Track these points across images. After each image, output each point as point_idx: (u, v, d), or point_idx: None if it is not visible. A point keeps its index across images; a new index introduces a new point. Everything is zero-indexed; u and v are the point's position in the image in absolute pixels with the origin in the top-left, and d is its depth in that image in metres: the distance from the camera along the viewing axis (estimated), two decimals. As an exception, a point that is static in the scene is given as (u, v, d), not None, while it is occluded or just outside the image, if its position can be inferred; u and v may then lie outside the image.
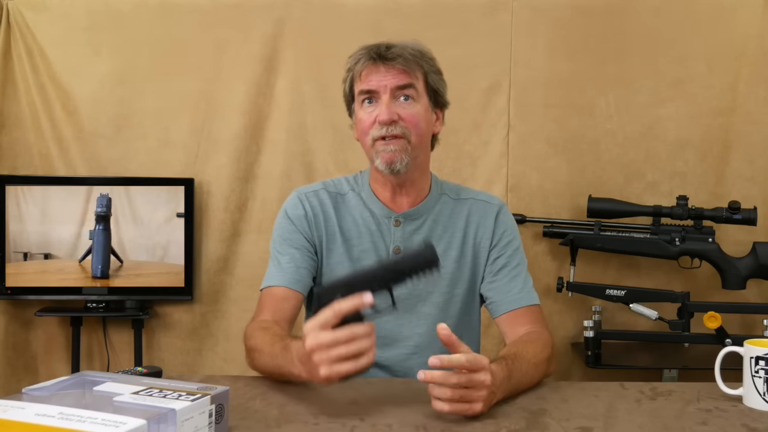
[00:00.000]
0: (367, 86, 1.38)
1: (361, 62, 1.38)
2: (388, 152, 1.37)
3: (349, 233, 1.46)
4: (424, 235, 1.46)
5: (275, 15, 2.42)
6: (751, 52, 2.36)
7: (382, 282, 1.09)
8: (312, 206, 1.47)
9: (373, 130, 1.38)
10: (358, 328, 1.04)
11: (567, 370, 2.39)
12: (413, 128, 1.38)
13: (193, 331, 2.47)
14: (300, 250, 1.44)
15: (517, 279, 1.46)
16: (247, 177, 2.44)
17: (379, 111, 1.37)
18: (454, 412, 1.06)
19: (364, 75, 1.38)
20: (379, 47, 1.38)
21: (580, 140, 2.39)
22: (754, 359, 1.14)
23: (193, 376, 1.34)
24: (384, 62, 1.37)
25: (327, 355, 1.03)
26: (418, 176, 1.45)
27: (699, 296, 2.30)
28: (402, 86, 1.38)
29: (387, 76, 1.37)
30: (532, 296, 1.46)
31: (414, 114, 1.38)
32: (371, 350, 1.05)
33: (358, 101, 1.41)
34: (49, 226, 2.38)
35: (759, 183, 2.36)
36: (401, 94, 1.38)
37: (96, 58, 2.44)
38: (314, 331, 1.04)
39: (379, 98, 1.38)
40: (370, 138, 1.39)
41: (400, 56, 1.37)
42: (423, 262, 1.09)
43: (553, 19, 2.39)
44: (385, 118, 1.36)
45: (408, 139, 1.38)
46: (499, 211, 1.50)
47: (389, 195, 1.46)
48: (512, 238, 1.49)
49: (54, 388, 0.95)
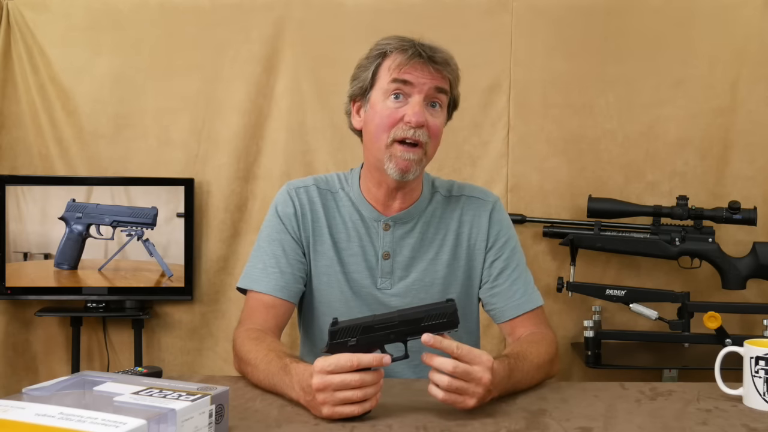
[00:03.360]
0: (408, 77, 1.30)
1: (407, 53, 1.30)
2: (405, 160, 1.32)
3: (338, 236, 1.44)
4: (414, 239, 1.43)
5: (275, 15, 2.42)
6: (751, 52, 2.36)
7: (400, 335, 1.08)
8: (301, 203, 1.44)
9: (396, 128, 1.31)
10: (368, 376, 1.05)
11: (567, 370, 2.39)
12: (434, 138, 1.34)
13: (193, 331, 2.47)
14: (287, 254, 1.42)
15: (518, 282, 1.44)
16: (247, 177, 2.44)
17: (409, 110, 1.30)
18: (446, 401, 1.07)
19: (406, 67, 1.30)
20: (423, 46, 1.32)
21: (580, 140, 2.39)
22: (754, 359, 1.14)
23: (193, 376, 1.34)
24: (429, 61, 1.31)
25: (333, 397, 1.04)
26: (417, 182, 1.43)
27: (699, 296, 2.30)
28: (439, 89, 1.33)
29: (428, 75, 1.31)
30: (534, 298, 1.44)
31: (438, 124, 1.35)
32: (375, 397, 1.06)
33: (384, 91, 1.33)
34: (49, 226, 2.38)
35: (759, 183, 2.36)
36: (433, 99, 1.33)
37: (96, 58, 2.44)
38: (325, 371, 1.04)
39: (409, 96, 1.32)
40: (389, 137, 1.32)
41: (447, 62, 1.33)
42: (443, 323, 1.08)
43: (553, 19, 2.38)
44: (419, 120, 1.30)
45: (425, 149, 1.34)
46: (493, 209, 1.47)
47: (382, 197, 1.42)
48: (508, 237, 1.47)
49: (54, 388, 0.95)
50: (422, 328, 1.08)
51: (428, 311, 1.09)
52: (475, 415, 1.09)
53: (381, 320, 1.08)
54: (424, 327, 1.08)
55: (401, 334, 1.08)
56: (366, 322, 1.08)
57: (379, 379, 1.07)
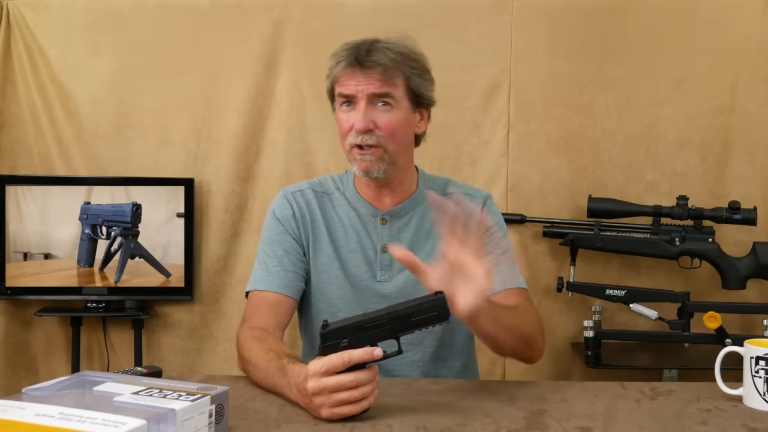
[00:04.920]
0: (345, 90, 1.36)
1: (341, 65, 1.35)
2: (364, 161, 1.37)
3: (336, 234, 1.46)
4: (411, 232, 1.45)
5: (275, 15, 2.42)
6: (751, 52, 2.36)
7: (391, 332, 1.08)
8: (299, 206, 1.47)
9: (350, 136, 1.36)
10: (362, 374, 1.04)
11: (567, 370, 2.39)
12: (389, 136, 1.36)
13: (193, 331, 2.47)
14: (288, 253, 1.44)
15: (503, 264, 1.43)
16: (247, 177, 2.44)
17: (356, 118, 1.35)
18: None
19: (342, 79, 1.36)
20: (359, 50, 1.34)
21: (580, 140, 2.39)
22: (754, 359, 1.14)
23: (193, 376, 1.34)
24: (362, 68, 1.34)
25: (329, 399, 1.04)
26: (401, 177, 1.45)
27: (699, 296, 2.30)
28: (378, 94, 1.35)
29: (364, 82, 1.34)
30: (519, 280, 1.44)
31: (390, 121, 1.36)
32: (372, 394, 1.06)
33: (338, 102, 1.39)
34: (49, 226, 2.38)
35: (759, 183, 2.36)
36: (378, 100, 1.35)
37: (96, 58, 2.44)
38: (318, 374, 1.04)
39: (357, 103, 1.36)
40: (348, 143, 1.38)
41: (379, 63, 1.33)
42: (434, 317, 1.08)
43: (553, 19, 2.38)
44: (360, 127, 1.34)
45: (384, 147, 1.36)
46: (485, 204, 1.49)
47: (373, 194, 1.46)
48: (498, 229, 1.45)
49: (54, 388, 0.95)
50: (413, 324, 1.08)
51: (418, 306, 1.09)
52: (475, 415, 1.09)
53: (371, 319, 1.08)
54: (414, 322, 1.08)
55: (392, 331, 1.08)
56: (356, 322, 1.08)
57: (375, 377, 1.06)
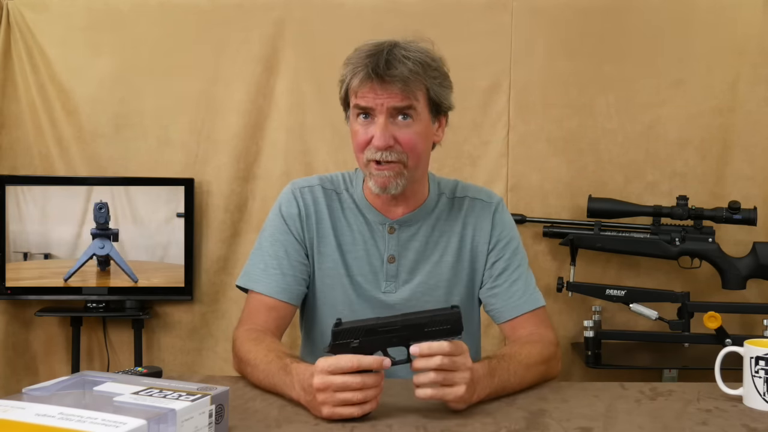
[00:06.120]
0: (363, 102, 1.28)
1: (359, 76, 1.27)
2: (382, 177, 1.31)
3: (343, 238, 1.43)
4: (419, 242, 1.42)
5: (275, 15, 2.42)
6: (751, 52, 2.36)
7: (403, 339, 1.08)
8: (306, 204, 1.43)
9: (367, 151, 1.30)
10: (369, 378, 1.05)
11: (567, 370, 2.39)
12: (410, 152, 1.30)
13: (193, 331, 2.47)
14: (289, 255, 1.41)
15: (518, 282, 1.43)
16: (247, 177, 2.44)
17: (375, 133, 1.28)
18: (436, 396, 1.07)
19: (360, 90, 1.28)
20: (378, 60, 1.26)
21: (580, 140, 2.39)
22: (754, 359, 1.15)
23: (193, 376, 1.34)
24: (381, 82, 1.26)
25: (333, 397, 1.04)
26: (416, 187, 1.41)
27: (699, 296, 2.30)
28: (399, 108, 1.28)
29: (383, 95, 1.27)
30: (534, 299, 1.43)
31: (412, 137, 1.30)
32: (375, 399, 1.06)
33: (353, 113, 1.33)
34: (49, 226, 2.38)
35: (759, 183, 2.36)
36: (399, 114, 1.29)
37: (96, 58, 2.44)
38: (326, 371, 1.04)
39: (375, 116, 1.29)
40: (365, 157, 1.31)
41: (400, 78, 1.25)
42: (447, 330, 1.08)
43: (552, 19, 2.38)
44: (380, 144, 1.27)
45: (404, 163, 1.31)
46: (496, 210, 1.46)
47: (383, 202, 1.41)
48: (510, 238, 1.46)
49: (54, 388, 0.95)
50: (425, 334, 1.07)
51: (432, 317, 1.08)
52: (475, 415, 1.10)
53: (384, 323, 1.08)
54: (427, 333, 1.07)
55: (404, 338, 1.07)
56: (369, 325, 1.08)
57: (380, 382, 1.06)
